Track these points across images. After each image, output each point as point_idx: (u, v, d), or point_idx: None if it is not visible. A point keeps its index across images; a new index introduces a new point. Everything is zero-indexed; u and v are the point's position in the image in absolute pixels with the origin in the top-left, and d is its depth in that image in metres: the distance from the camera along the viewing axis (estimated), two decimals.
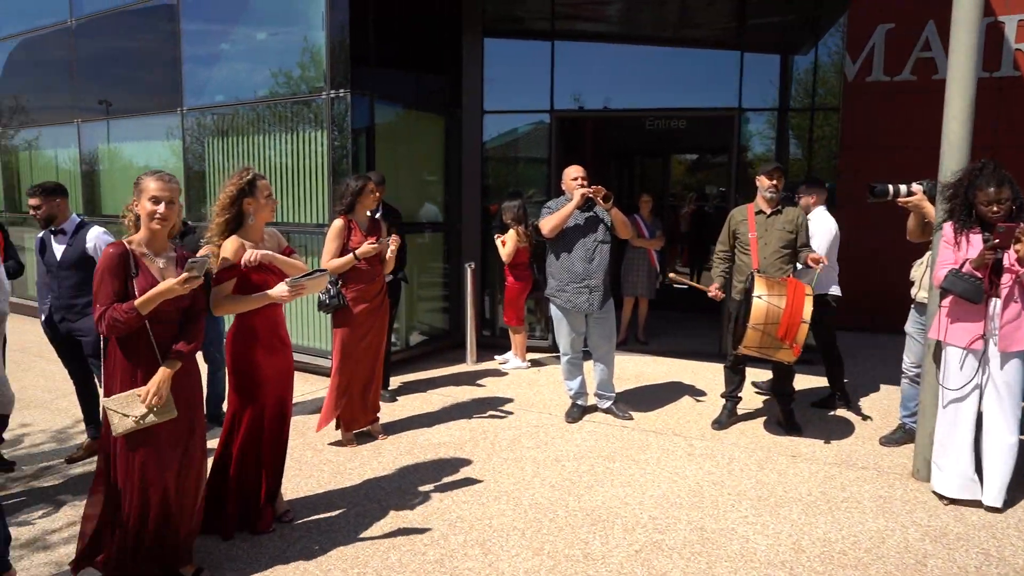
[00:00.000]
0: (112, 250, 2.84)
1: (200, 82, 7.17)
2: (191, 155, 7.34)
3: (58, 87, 8.80)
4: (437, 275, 7.59)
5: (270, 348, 3.50)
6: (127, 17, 7.79)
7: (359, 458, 4.57)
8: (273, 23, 6.63)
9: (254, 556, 3.35)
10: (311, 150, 6.39)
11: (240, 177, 3.44)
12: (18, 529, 3.62)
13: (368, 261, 4.67)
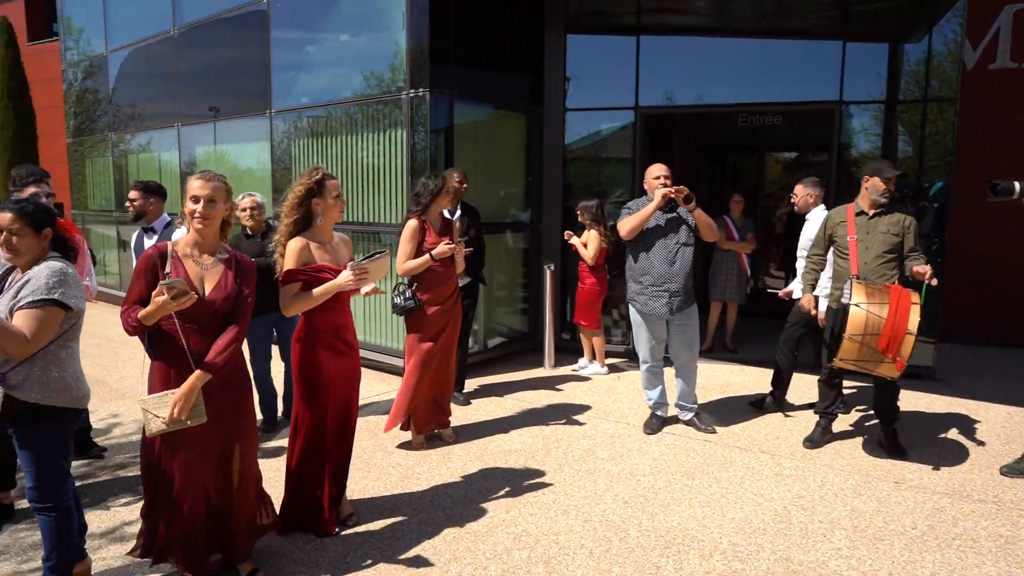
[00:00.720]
0: (149, 251, 2.84)
1: (287, 85, 7.33)
2: (278, 156, 7.51)
3: (162, 93, 9.25)
4: (516, 276, 7.46)
5: (335, 350, 3.45)
6: (223, 24, 8.07)
7: (428, 462, 4.48)
8: (356, 26, 6.69)
9: (315, 559, 3.31)
10: (391, 150, 6.39)
11: (309, 177, 3.40)
12: (99, 517, 3.74)
13: (442, 262, 4.59)
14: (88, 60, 10.61)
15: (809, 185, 5.39)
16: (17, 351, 2.60)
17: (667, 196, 4.61)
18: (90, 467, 4.46)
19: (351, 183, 6.80)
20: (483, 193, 6.81)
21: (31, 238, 2.76)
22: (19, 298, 2.66)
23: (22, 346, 2.59)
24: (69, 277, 2.75)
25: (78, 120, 11.10)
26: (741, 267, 7.20)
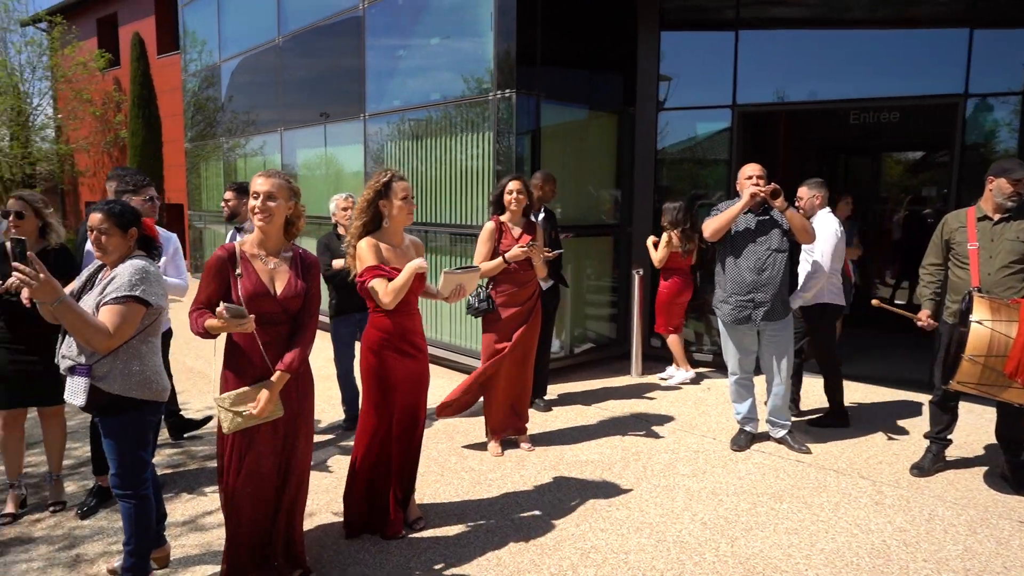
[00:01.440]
0: (217, 252, 2.87)
1: (380, 89, 7.47)
2: (372, 158, 7.66)
3: (267, 99, 9.68)
4: (606, 281, 7.27)
5: (402, 353, 3.42)
6: (322, 32, 8.34)
7: (501, 469, 4.40)
8: (446, 29, 6.71)
9: (379, 562, 3.28)
10: (478, 152, 6.38)
11: (378, 179, 3.38)
12: (183, 506, 3.88)
13: (519, 265, 4.50)
14: (204, 70, 11.26)
15: (814, 186, 5.11)
16: (101, 344, 2.70)
17: (755, 195, 4.33)
18: (182, 456, 4.65)
19: (439, 185, 6.84)
20: (571, 196, 6.68)
21: (119, 237, 2.88)
22: (104, 294, 2.78)
23: (105, 340, 2.69)
24: (151, 275, 2.85)
25: (195, 126, 11.80)
26: (846, 274, 6.71)
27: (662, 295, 6.30)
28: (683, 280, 6.24)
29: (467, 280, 3.50)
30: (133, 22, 17.53)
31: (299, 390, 2.99)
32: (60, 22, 18.03)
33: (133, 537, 2.94)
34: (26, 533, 3.57)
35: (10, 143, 17.56)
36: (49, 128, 19.11)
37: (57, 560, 3.31)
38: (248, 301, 2.79)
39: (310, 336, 2.97)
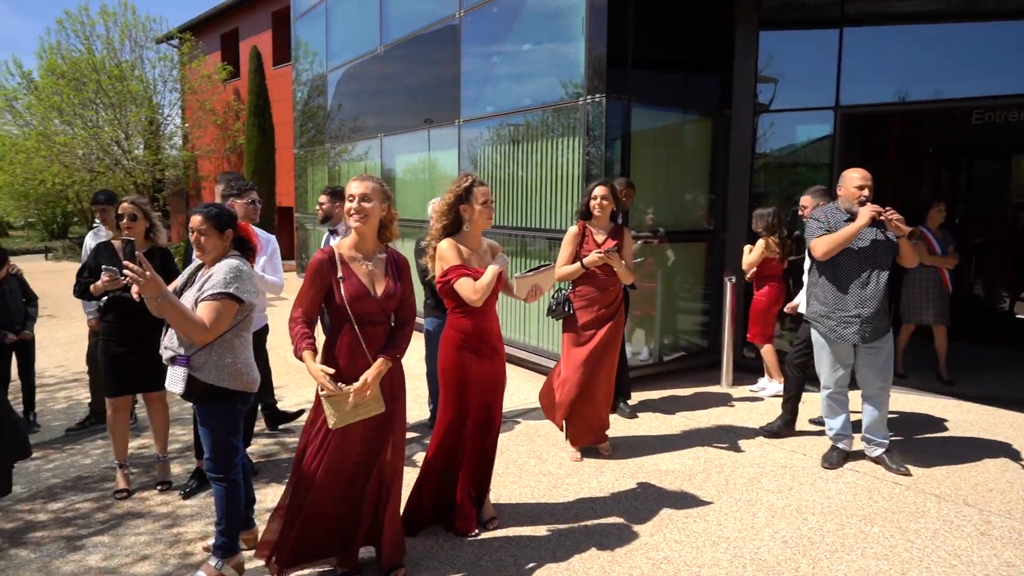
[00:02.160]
0: (318, 255, 3.01)
1: (474, 95, 7.61)
2: (466, 163, 7.82)
3: (368, 106, 10.07)
4: (697, 288, 7.10)
5: (478, 353, 3.48)
6: (420, 41, 8.59)
7: (580, 474, 4.38)
8: (539, 35, 6.77)
9: (451, 557, 3.35)
10: (566, 157, 6.39)
11: (459, 184, 3.47)
12: (274, 492, 4.09)
13: (601, 270, 4.48)
14: (312, 80, 11.84)
15: (816, 195, 5.05)
16: (198, 337, 2.92)
17: (875, 218, 4.09)
18: (275, 446, 4.92)
19: (530, 190, 6.90)
20: (663, 201, 6.58)
21: (216, 238, 3.10)
22: (202, 291, 2.99)
23: (202, 333, 2.91)
24: (243, 274, 3.05)
25: (304, 133, 12.43)
26: (943, 284, 6.27)
27: (759, 303, 6.08)
28: (778, 288, 6.01)
29: (542, 280, 3.51)
30: (252, 36, 18.70)
31: (392, 391, 3.08)
32: (189, 38, 19.47)
33: (224, 518, 3.14)
34: (136, 508, 3.88)
35: (143, 151, 19.07)
36: (177, 136, 20.67)
37: (160, 536, 3.58)
38: (351, 302, 2.92)
39: (407, 333, 3.11)
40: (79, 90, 17.53)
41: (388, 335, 3.06)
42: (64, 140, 18.02)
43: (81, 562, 3.32)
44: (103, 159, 18.45)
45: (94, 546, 3.47)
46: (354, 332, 2.95)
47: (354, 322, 2.95)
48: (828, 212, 4.38)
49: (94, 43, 17.97)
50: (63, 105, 17.62)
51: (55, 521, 3.74)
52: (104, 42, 18.03)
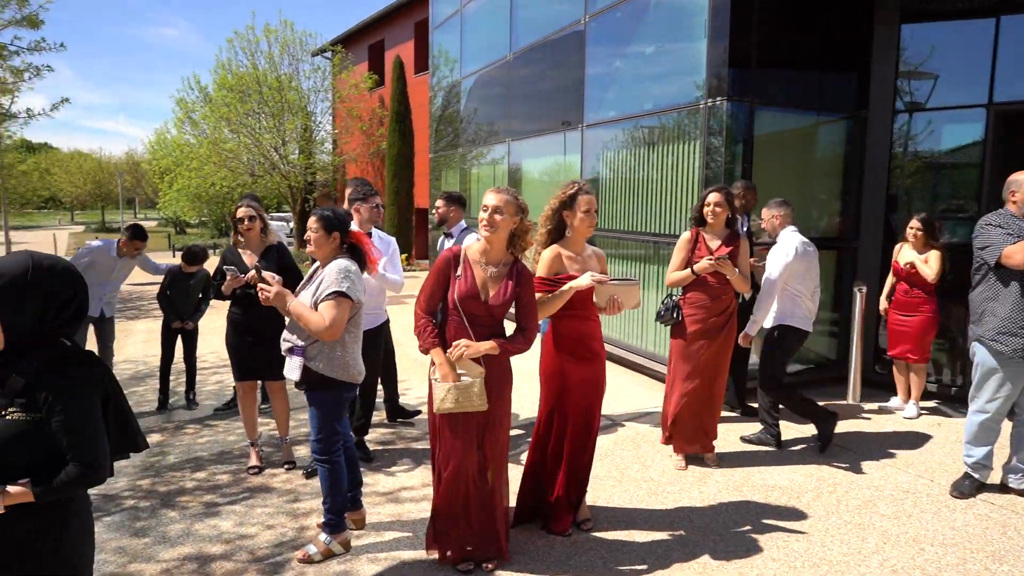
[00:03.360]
0: (445, 253, 3.23)
1: (597, 99, 7.66)
2: (588, 167, 7.89)
3: (497, 112, 10.36)
4: (826, 298, 6.74)
5: (577, 357, 3.55)
6: (547, 47, 8.75)
7: (681, 483, 4.34)
8: (662, 38, 6.70)
9: (543, 554, 3.45)
10: (685, 161, 6.30)
11: (564, 191, 3.56)
12: (384, 479, 4.39)
13: (714, 277, 4.41)
14: (447, 86, 12.34)
15: (774, 206, 4.96)
16: (324, 334, 3.21)
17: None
18: (392, 436, 5.24)
19: (648, 193, 6.86)
20: None
21: (324, 238, 3.40)
22: (319, 291, 3.29)
23: (326, 329, 3.19)
24: (352, 274, 3.32)
25: (438, 138, 12.98)
26: None
27: (925, 321, 5.54)
28: (935, 300, 5.54)
29: (623, 292, 3.47)
30: (396, 46, 19.73)
31: (495, 391, 3.18)
32: (340, 51, 20.87)
33: (328, 497, 3.42)
34: (265, 484, 4.30)
35: (298, 156, 20.66)
36: (327, 142, 22.18)
37: (283, 509, 3.95)
38: (460, 301, 3.11)
39: (525, 338, 3.18)
40: (244, 101, 19.29)
41: None
42: (231, 147, 19.90)
43: (216, 526, 3.74)
44: (263, 164, 20.18)
45: (228, 513, 3.89)
46: (464, 329, 3.11)
47: (464, 320, 3.11)
48: (1005, 219, 3.98)
49: (258, 59, 19.71)
50: (231, 116, 19.46)
51: (198, 488, 4.22)
52: (266, 57, 19.73)
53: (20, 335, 1.79)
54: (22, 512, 1.78)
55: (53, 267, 1.83)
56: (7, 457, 1.76)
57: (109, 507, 3.97)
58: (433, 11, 12.75)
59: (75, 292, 1.87)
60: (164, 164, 23.43)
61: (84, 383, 1.84)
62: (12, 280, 1.76)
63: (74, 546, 1.89)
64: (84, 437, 1.81)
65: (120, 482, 4.33)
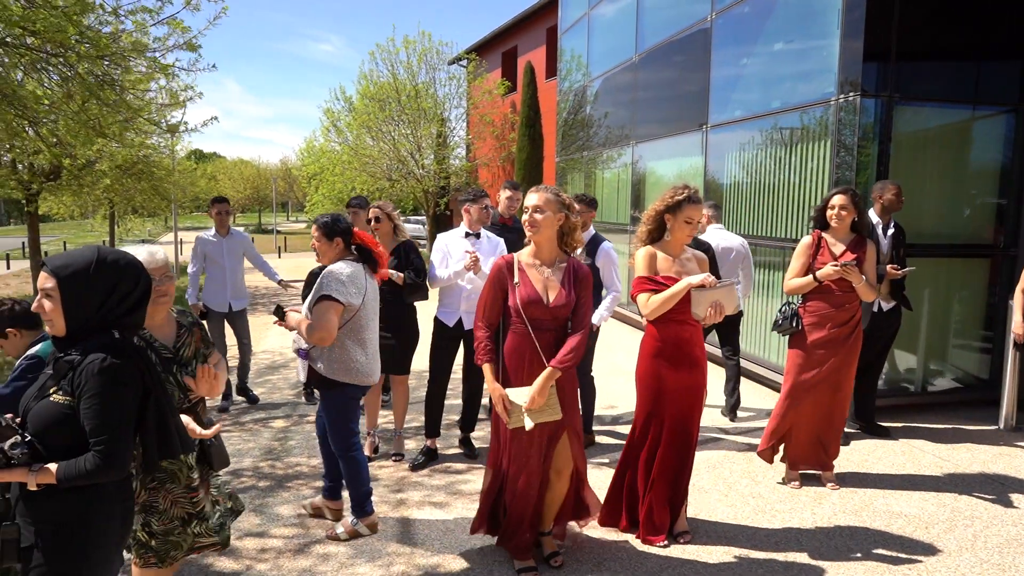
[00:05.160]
0: (497, 262, 3.20)
1: (722, 99, 7.37)
2: (712, 169, 7.62)
3: (621, 115, 10.23)
4: (975, 311, 6.10)
5: (676, 363, 3.44)
6: (672, 47, 8.53)
7: (794, 502, 4.08)
8: (791, 33, 6.34)
9: (634, 563, 3.37)
10: (815, 161, 5.92)
11: (672, 195, 3.44)
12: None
13: (838, 285, 4.12)
14: (574, 90, 12.35)
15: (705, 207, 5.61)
16: (313, 338, 3.30)
17: None
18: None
19: (774, 197, 6.52)
20: (933, 210, 5.79)
21: (325, 244, 3.54)
22: (313, 295, 3.43)
23: (314, 332, 3.28)
24: (346, 277, 3.39)
25: (565, 142, 13.01)
26: None
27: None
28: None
29: (723, 296, 3.29)
30: (528, 52, 20.00)
31: (565, 400, 3.14)
32: (474, 58, 21.45)
33: (350, 486, 3.60)
34: (374, 472, 4.49)
35: (432, 161, 21.44)
36: (460, 148, 22.84)
37: (387, 499, 4.11)
38: (523, 307, 3.08)
39: (579, 343, 3.11)
40: (383, 109, 20.28)
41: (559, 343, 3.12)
42: (371, 153, 20.98)
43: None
44: (399, 169, 21.10)
45: None
46: (529, 336, 3.09)
47: (528, 327, 3.09)
48: None
49: (397, 69, 20.65)
50: (371, 123, 20.52)
51: (312, 473, 4.48)
52: (405, 67, 20.63)
53: (79, 324, 1.87)
54: (50, 493, 1.83)
55: (116, 261, 1.92)
56: (49, 437, 1.84)
57: (234, 484, 4.30)
58: (562, 16, 12.81)
59: (136, 284, 1.94)
60: (311, 170, 25.07)
61: (117, 374, 1.84)
62: (76, 272, 1.86)
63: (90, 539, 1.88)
64: (105, 427, 1.82)
65: (245, 462, 4.68)
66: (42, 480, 1.79)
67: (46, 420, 1.84)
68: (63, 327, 1.88)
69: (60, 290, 1.85)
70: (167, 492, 2.40)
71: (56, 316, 1.87)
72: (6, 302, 2.96)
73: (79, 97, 5.74)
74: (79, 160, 10.58)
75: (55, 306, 1.86)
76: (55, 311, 1.86)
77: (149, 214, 21.92)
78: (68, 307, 1.86)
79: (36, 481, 1.79)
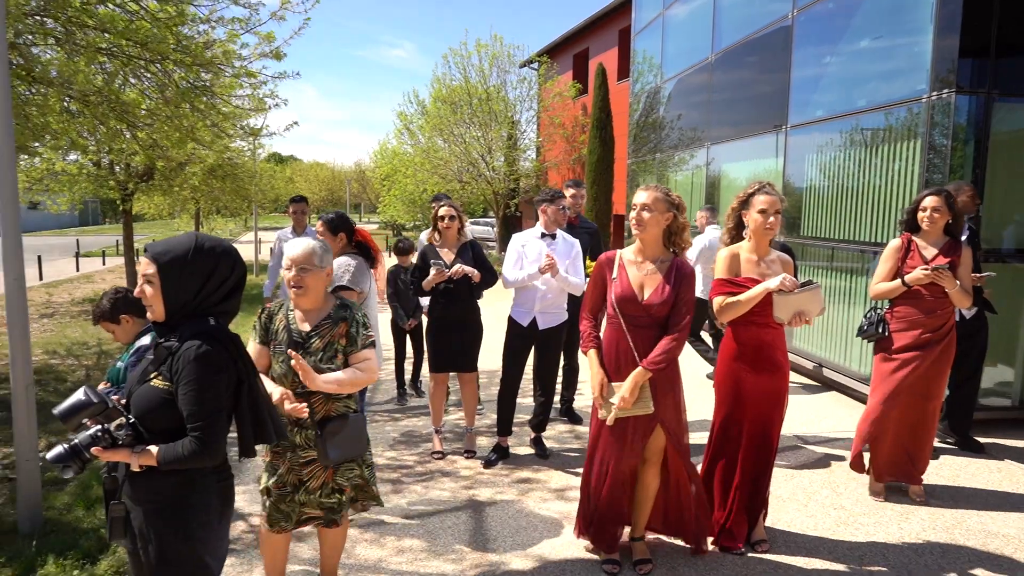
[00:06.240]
0: (601, 258, 3.23)
1: (804, 98, 7.15)
2: (791, 171, 7.40)
3: (696, 116, 10.05)
4: None
5: (756, 367, 3.36)
6: (750, 46, 8.32)
7: (880, 515, 3.92)
8: (879, 29, 6.08)
9: (709, 568, 3.31)
10: (904, 163, 5.67)
11: (744, 191, 3.39)
12: (557, 476, 4.44)
13: (929, 290, 3.94)
14: (647, 91, 12.21)
15: (704, 210, 7.06)
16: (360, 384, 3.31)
17: None
18: (571, 435, 5.30)
19: (858, 199, 6.28)
20: None
21: (330, 238, 3.83)
22: None
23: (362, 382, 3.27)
24: (354, 267, 3.65)
25: (637, 144, 12.89)
26: None
27: None
28: None
29: (806, 301, 3.19)
30: (600, 54, 19.91)
31: (656, 397, 3.12)
32: (545, 61, 21.48)
33: None
34: (443, 468, 4.56)
35: (502, 163, 21.59)
36: (530, 150, 22.92)
37: (458, 495, 4.16)
38: (618, 303, 3.10)
39: (676, 341, 3.08)
40: (455, 112, 20.55)
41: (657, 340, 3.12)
42: (442, 156, 21.29)
43: (396, 503, 4.03)
44: (470, 171, 21.34)
45: (409, 492, 4.19)
46: (622, 330, 3.10)
47: (623, 322, 3.09)
48: None
49: (469, 72, 20.88)
50: (442, 126, 20.83)
51: (387, 466, 4.58)
52: (476, 70, 20.85)
53: (178, 309, 1.94)
54: (151, 473, 1.91)
55: (213, 248, 1.96)
56: (150, 421, 1.91)
57: None
58: (636, 17, 12.69)
59: (232, 270, 2.00)
60: (384, 171, 25.64)
61: (214, 360, 1.88)
62: (175, 258, 1.91)
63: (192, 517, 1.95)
64: (201, 413, 1.87)
65: None
66: (144, 461, 1.88)
67: (147, 404, 1.92)
68: (162, 312, 1.95)
69: (160, 275, 1.91)
70: (286, 459, 2.72)
71: (156, 301, 1.94)
72: (120, 290, 3.12)
73: (174, 102, 6.05)
74: (172, 162, 11.13)
75: (155, 291, 1.93)
76: (155, 296, 1.93)
77: (231, 214, 22.86)
78: (167, 292, 1.92)
79: (139, 462, 1.88)
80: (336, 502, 2.81)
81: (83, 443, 1.84)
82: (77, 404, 1.86)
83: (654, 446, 3.21)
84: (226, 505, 2.07)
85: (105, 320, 3.07)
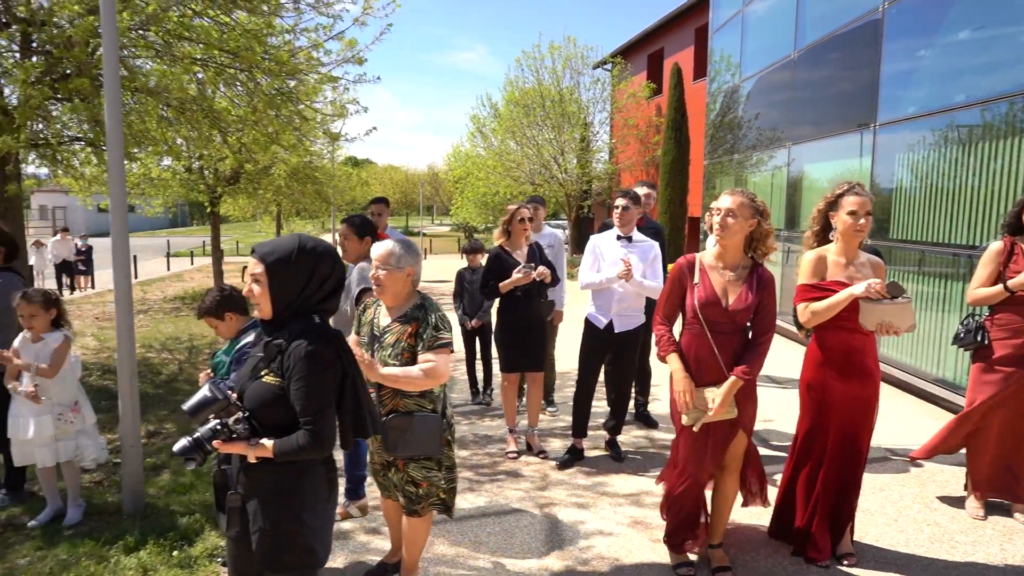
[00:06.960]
0: (679, 261, 3.18)
1: (894, 95, 6.85)
2: (880, 171, 7.10)
3: (778, 115, 9.77)
4: None
5: (844, 373, 3.24)
6: (836, 42, 8.04)
7: (976, 534, 3.72)
8: (978, 19, 5.77)
9: None
10: (1009, 161, 5.35)
11: (833, 191, 3.28)
12: (631, 480, 4.40)
13: None
14: (724, 91, 11.96)
15: None
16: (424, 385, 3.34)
17: None
18: (645, 441, 5.23)
19: (956, 200, 5.97)
20: None
21: (355, 242, 3.80)
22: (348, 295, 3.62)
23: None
24: (366, 271, 3.56)
25: (713, 145, 12.63)
26: None
27: None
28: None
29: (894, 314, 3.05)
30: (675, 54, 19.59)
31: (742, 398, 3.07)
32: (619, 62, 21.31)
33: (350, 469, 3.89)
34: (520, 469, 4.58)
35: (575, 165, 21.55)
36: (603, 152, 22.77)
37: (531, 495, 4.17)
38: (701, 308, 3.05)
39: (762, 348, 3.06)
40: (528, 115, 20.63)
41: (743, 347, 3.07)
42: (514, 158, 21.41)
43: (472, 501, 4.08)
44: (543, 173, 21.37)
45: (483, 491, 4.23)
46: (705, 337, 3.05)
47: (705, 328, 3.04)
48: None
49: (542, 74, 20.93)
50: (515, 128, 20.95)
51: (461, 465, 4.62)
52: (550, 72, 20.87)
53: (284, 307, 2.03)
54: (265, 465, 2.01)
55: (315, 248, 2.06)
56: (262, 415, 2.00)
57: None
58: (713, 15, 12.46)
59: (332, 269, 2.09)
60: (457, 174, 25.98)
61: (321, 357, 1.97)
62: (280, 258, 2.01)
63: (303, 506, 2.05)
64: (314, 407, 1.96)
65: None
66: (260, 454, 1.98)
67: (260, 399, 2.02)
68: (269, 310, 2.05)
69: (267, 275, 2.01)
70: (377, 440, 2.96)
71: (264, 300, 2.04)
72: (226, 288, 3.29)
73: (261, 108, 6.31)
74: (258, 165, 11.63)
75: (263, 290, 2.03)
76: (263, 295, 2.03)
77: (311, 216, 23.63)
78: (274, 291, 2.02)
79: (255, 454, 1.98)
80: (413, 493, 2.92)
81: (204, 436, 1.97)
82: (204, 400, 1.99)
83: (734, 452, 3.17)
84: (332, 493, 2.18)
85: (210, 316, 3.23)
